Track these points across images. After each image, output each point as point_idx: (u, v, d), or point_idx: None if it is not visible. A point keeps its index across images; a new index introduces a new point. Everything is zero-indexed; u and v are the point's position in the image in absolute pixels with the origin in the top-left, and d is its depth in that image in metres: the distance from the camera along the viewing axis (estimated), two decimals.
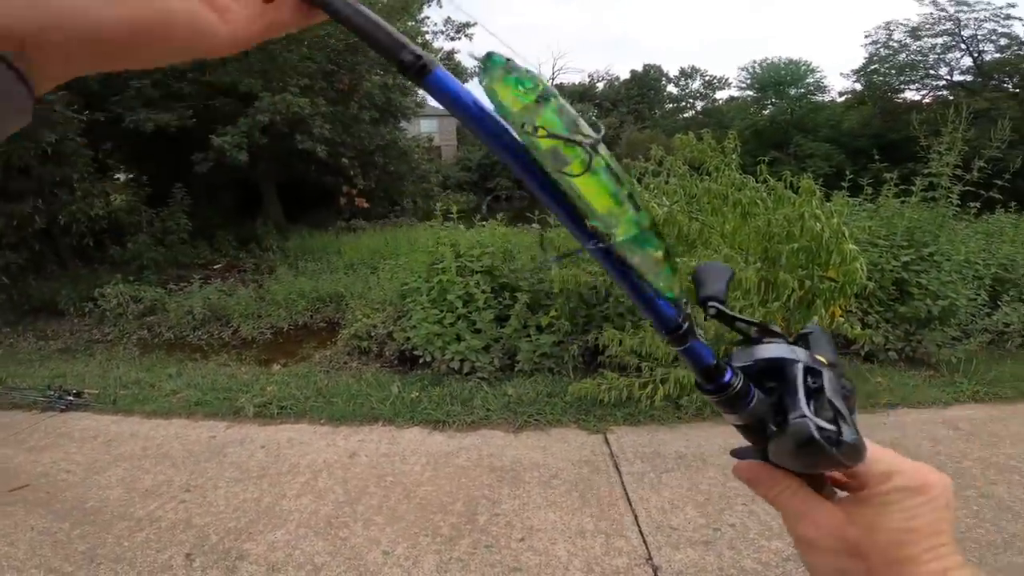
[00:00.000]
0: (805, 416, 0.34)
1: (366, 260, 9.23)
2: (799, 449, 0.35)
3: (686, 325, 0.38)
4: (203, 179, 12.16)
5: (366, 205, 17.04)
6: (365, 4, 0.33)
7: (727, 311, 0.41)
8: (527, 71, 0.32)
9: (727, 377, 0.38)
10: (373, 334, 4.82)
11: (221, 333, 6.52)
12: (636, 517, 2.51)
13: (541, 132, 0.32)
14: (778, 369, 0.39)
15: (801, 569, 2.15)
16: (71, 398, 4.17)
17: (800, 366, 0.38)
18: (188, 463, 3.23)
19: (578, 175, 0.33)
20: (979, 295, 4.40)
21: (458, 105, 0.34)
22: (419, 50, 0.33)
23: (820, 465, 0.36)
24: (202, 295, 7.11)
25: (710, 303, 0.41)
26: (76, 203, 8.47)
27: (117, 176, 13.98)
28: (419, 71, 0.33)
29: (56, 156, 8.11)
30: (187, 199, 11.29)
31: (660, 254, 0.37)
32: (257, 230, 12.88)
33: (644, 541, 2.35)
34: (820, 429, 0.34)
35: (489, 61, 0.32)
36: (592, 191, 0.34)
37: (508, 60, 0.32)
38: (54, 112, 7.91)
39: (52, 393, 4.20)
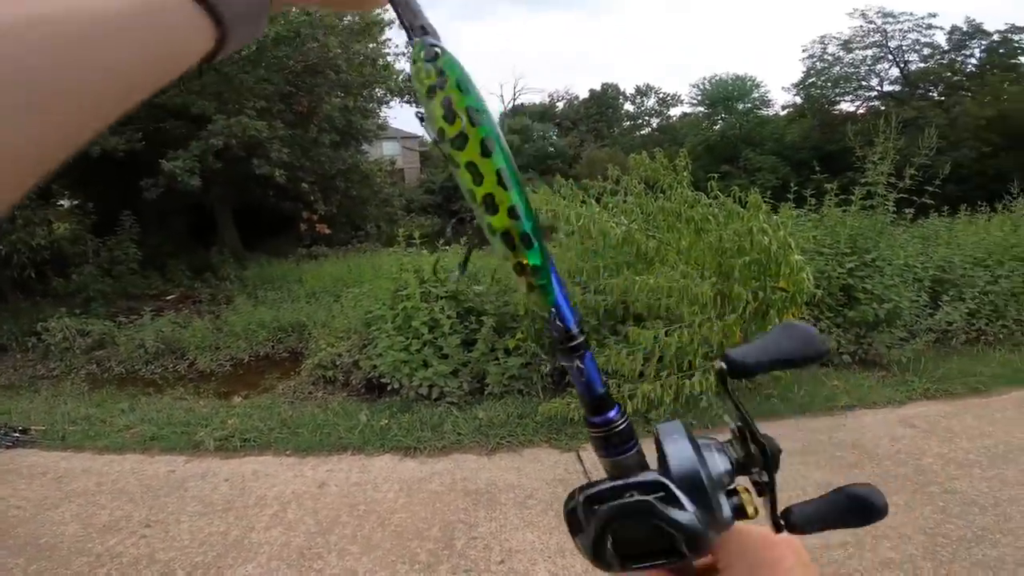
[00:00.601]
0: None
1: (329, 288, 9.07)
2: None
3: (582, 339, 0.36)
4: (153, 205, 11.72)
5: (328, 231, 16.80)
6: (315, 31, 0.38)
7: (731, 388, 0.38)
8: (430, 65, 0.34)
9: (612, 413, 0.37)
10: (338, 363, 4.73)
11: (176, 366, 6.28)
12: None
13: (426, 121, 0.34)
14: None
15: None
16: (16, 435, 3.99)
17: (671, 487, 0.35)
18: (147, 498, 3.10)
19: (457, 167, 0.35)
20: (920, 296, 4.69)
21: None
22: (429, 25, 0.35)
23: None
24: (154, 327, 6.83)
25: (727, 362, 0.38)
26: (16, 232, 8.05)
27: (60, 203, 13.34)
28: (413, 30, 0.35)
29: None
30: (136, 227, 10.87)
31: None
32: (212, 259, 12.48)
33: None
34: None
35: (417, 46, 0.34)
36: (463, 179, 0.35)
37: (427, 49, 0.34)
38: None
39: None
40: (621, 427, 0.37)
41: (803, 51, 27.07)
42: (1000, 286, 5.08)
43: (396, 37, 15.51)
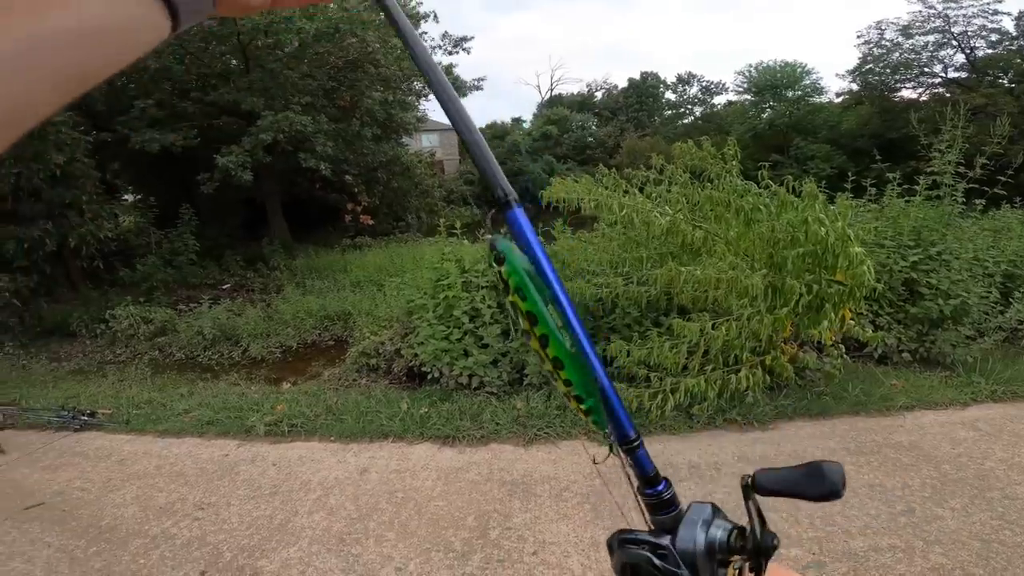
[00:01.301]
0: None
1: (372, 277, 9.30)
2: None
3: (638, 441, 0.50)
4: (209, 199, 12.31)
5: (371, 222, 17.18)
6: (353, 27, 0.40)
7: (751, 500, 0.50)
8: (498, 268, 0.44)
9: (661, 487, 0.50)
10: (381, 351, 4.83)
11: (231, 352, 6.57)
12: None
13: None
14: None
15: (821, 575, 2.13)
16: (85, 418, 4.23)
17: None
18: (201, 481, 3.24)
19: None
20: (991, 292, 4.35)
21: (522, 239, 0.45)
22: (509, 189, 0.45)
23: None
24: (211, 315, 7.17)
25: (754, 481, 0.50)
26: (85, 225, 8.60)
27: (125, 197, 14.19)
28: (504, 205, 0.46)
29: (65, 178, 8.25)
30: (194, 220, 11.43)
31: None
32: (264, 249, 13.01)
33: None
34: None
35: (489, 250, 0.45)
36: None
37: (495, 253, 0.44)
38: (61, 133, 8.05)
39: (66, 413, 4.27)
40: (667, 497, 0.50)
41: (858, 37, 25.63)
42: None
43: (432, 30, 15.55)
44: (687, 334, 3.25)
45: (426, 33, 14.90)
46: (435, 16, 15.56)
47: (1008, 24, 21.91)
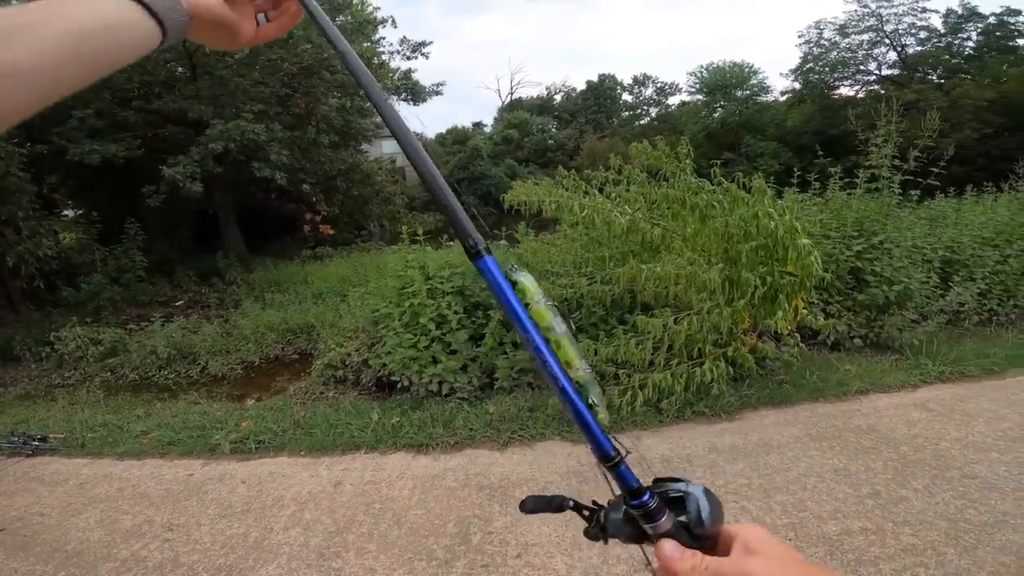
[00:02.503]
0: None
1: (335, 288, 9.12)
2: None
3: (618, 457, 0.51)
4: (157, 212, 11.78)
5: (331, 232, 16.82)
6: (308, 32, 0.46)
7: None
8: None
9: (646, 497, 0.50)
10: (348, 362, 4.76)
11: (189, 371, 6.34)
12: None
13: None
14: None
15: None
16: (36, 443, 4.04)
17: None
18: (167, 502, 3.13)
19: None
20: (930, 278, 4.65)
21: (494, 287, 0.49)
22: (478, 238, 0.48)
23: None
24: (165, 334, 6.89)
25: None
26: (23, 243, 8.11)
27: (65, 213, 13.44)
28: (474, 255, 0.49)
29: None
30: (141, 234, 10.95)
31: (593, 401, 0.52)
32: (218, 263, 12.53)
33: (641, 547, 2.39)
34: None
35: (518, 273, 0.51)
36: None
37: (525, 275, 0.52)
38: None
39: (16, 439, 4.05)
40: (653, 507, 0.50)
41: (799, 36, 26.86)
42: (1010, 265, 5.03)
43: (390, 35, 15.46)
44: (651, 330, 3.35)
45: (384, 38, 14.77)
46: (393, 21, 15.42)
47: (936, 21, 23.42)
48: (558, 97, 45.38)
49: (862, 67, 25.43)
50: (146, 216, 11.85)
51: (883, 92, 20.60)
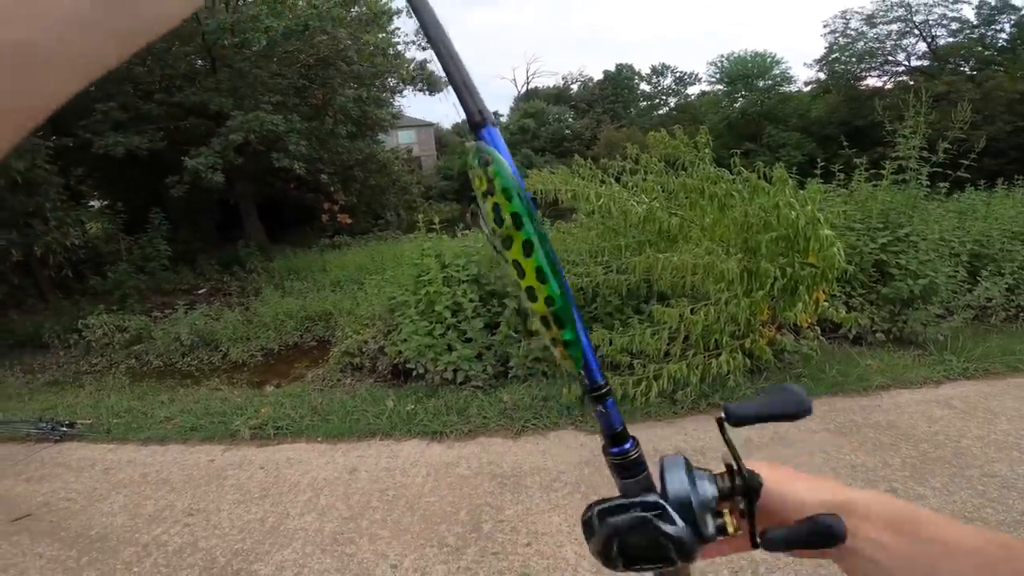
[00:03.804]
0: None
1: (352, 276, 9.21)
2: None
3: (607, 388, 0.45)
4: (180, 203, 12.04)
5: (349, 221, 16.98)
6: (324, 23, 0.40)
7: (727, 434, 0.49)
8: (482, 171, 0.39)
9: (628, 444, 0.46)
10: (364, 350, 4.81)
11: (211, 358, 6.47)
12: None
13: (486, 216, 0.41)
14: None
15: (809, 559, 2.20)
16: (64, 429, 4.15)
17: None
18: (188, 487, 3.21)
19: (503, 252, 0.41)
20: (958, 272, 4.51)
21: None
22: (484, 108, 0.41)
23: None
24: (188, 321, 7.04)
25: (726, 413, 0.48)
26: (51, 233, 8.33)
27: (91, 203, 13.77)
28: (478, 124, 0.41)
29: (26, 185, 7.97)
30: (165, 224, 11.16)
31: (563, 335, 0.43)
32: (239, 252, 12.75)
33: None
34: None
35: (472, 151, 0.40)
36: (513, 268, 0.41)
37: (481, 156, 0.39)
38: None
39: (44, 425, 4.17)
40: (634, 456, 0.47)
41: (824, 26, 26.11)
42: None
43: (404, 26, 15.40)
44: (667, 320, 3.31)
45: (399, 28, 14.73)
46: (408, 11, 15.34)
47: (968, 13, 22.62)
48: (575, 87, 45.01)
49: (890, 58, 24.73)
50: (169, 206, 12.08)
51: (912, 83, 20.03)
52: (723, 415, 0.48)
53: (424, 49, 16.87)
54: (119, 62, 0.27)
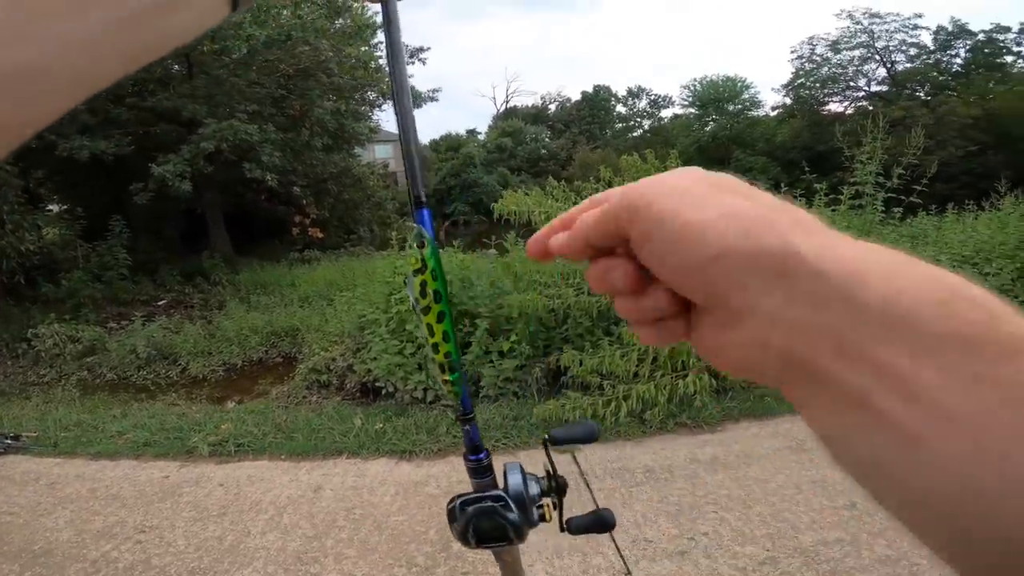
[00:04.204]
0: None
1: (322, 292, 9.04)
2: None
3: (472, 414, 0.60)
4: (143, 210, 11.64)
5: (320, 235, 16.71)
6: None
7: (550, 452, 0.67)
8: (419, 252, 0.50)
9: (483, 455, 0.61)
10: (332, 367, 4.73)
11: (168, 372, 6.25)
12: (611, 533, 2.55)
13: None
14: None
15: (777, 571, 2.24)
16: (8, 441, 3.98)
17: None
18: (140, 504, 3.08)
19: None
20: None
21: (429, 234, 0.51)
22: (422, 193, 0.53)
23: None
24: (145, 333, 6.80)
25: (550, 437, 0.66)
26: (6, 237, 7.98)
27: (50, 208, 13.23)
28: (420, 203, 0.53)
29: None
30: (126, 232, 10.80)
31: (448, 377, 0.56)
32: (204, 263, 12.36)
33: (621, 556, 2.38)
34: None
35: (414, 233, 0.50)
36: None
37: (419, 238, 0.50)
38: None
39: None
40: (486, 463, 0.62)
41: (792, 52, 27.34)
42: (988, 283, 5.09)
43: (386, 39, 15.42)
44: (636, 342, 3.36)
45: (382, 43, 14.75)
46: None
47: (926, 38, 23.94)
48: (552, 107, 45.76)
49: (852, 83, 25.94)
50: (132, 214, 11.69)
51: (871, 108, 21.02)
52: (547, 437, 0.66)
53: (406, 64, 16.94)
54: (124, 76, 0.26)
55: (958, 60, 23.64)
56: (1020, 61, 22.65)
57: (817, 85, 26.44)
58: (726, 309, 0.25)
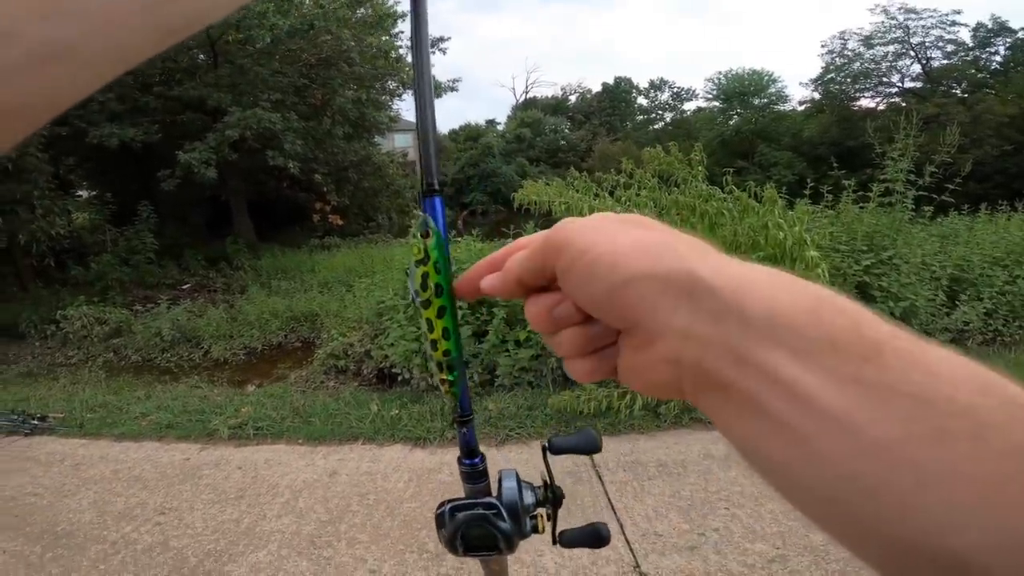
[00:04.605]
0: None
1: (341, 278, 9.14)
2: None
3: (471, 416, 0.56)
4: (170, 196, 11.89)
5: (340, 222, 16.88)
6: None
7: (548, 460, 0.63)
8: (422, 242, 0.45)
9: (477, 460, 0.58)
10: (350, 353, 4.78)
11: (191, 355, 6.38)
12: (622, 526, 2.55)
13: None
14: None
15: (786, 570, 2.22)
16: (35, 422, 4.07)
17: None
18: (162, 485, 3.15)
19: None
20: (937, 295, 4.59)
21: (437, 223, 0.47)
22: (435, 180, 0.48)
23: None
24: (170, 316, 6.94)
25: (549, 444, 0.63)
26: (36, 221, 8.20)
27: (80, 193, 13.59)
28: (433, 191, 0.48)
29: (16, 172, 7.85)
30: (153, 217, 11.03)
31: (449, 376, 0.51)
32: (227, 249, 12.61)
33: (631, 549, 2.38)
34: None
35: (418, 222, 0.46)
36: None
37: (423, 228, 0.45)
38: None
39: (16, 417, 4.09)
40: (480, 468, 0.58)
41: (822, 46, 26.59)
42: (1018, 286, 4.95)
43: (407, 29, 15.40)
44: None
45: (403, 32, 14.76)
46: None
47: (965, 35, 23.11)
48: (572, 98, 45.38)
49: (884, 79, 25.19)
50: (159, 200, 11.94)
51: (904, 105, 20.39)
52: (546, 444, 0.63)
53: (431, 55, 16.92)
54: (152, 56, 0.25)
55: (997, 58, 22.82)
56: None
57: (848, 80, 25.73)
58: (641, 331, 0.27)
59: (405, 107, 19.69)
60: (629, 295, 0.27)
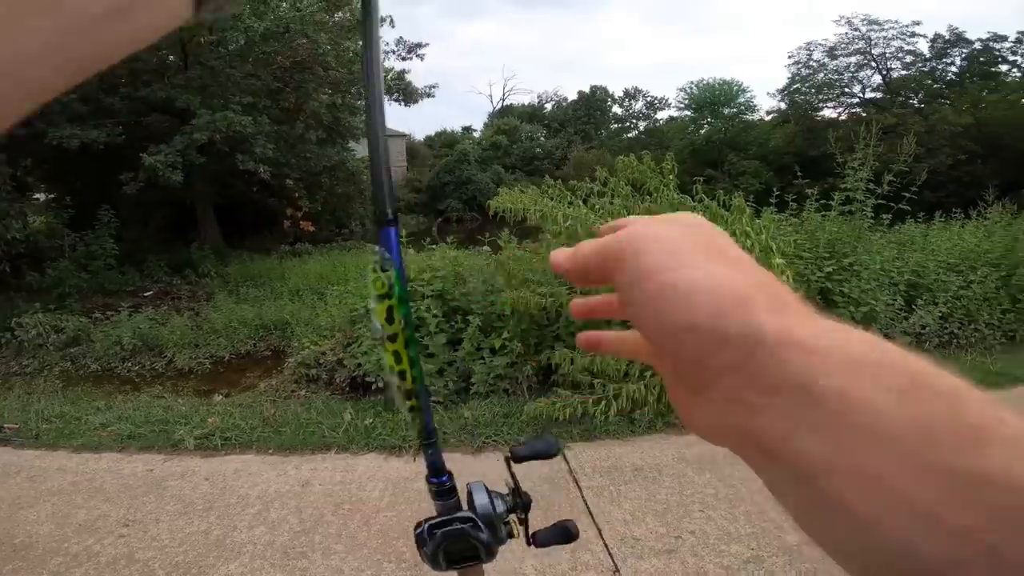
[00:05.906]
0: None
1: (312, 285, 8.98)
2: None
3: (434, 439, 0.58)
4: (132, 200, 11.47)
5: (312, 228, 16.58)
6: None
7: (512, 469, 0.67)
8: (383, 276, 0.45)
9: (445, 478, 0.59)
10: (322, 361, 4.70)
11: (154, 364, 6.17)
12: (600, 530, 2.57)
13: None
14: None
15: (762, 570, 2.26)
16: None
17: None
18: (124, 497, 3.04)
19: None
20: (896, 300, 4.79)
21: (393, 256, 0.48)
22: (390, 211, 0.49)
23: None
24: (131, 324, 6.70)
25: (512, 453, 0.68)
26: None
27: (36, 196, 13.02)
28: (387, 221, 0.49)
29: None
30: (114, 221, 10.64)
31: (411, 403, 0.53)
32: (192, 254, 12.21)
33: (610, 554, 2.40)
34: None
35: (377, 258, 0.46)
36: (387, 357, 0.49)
37: (384, 262, 0.46)
38: None
39: None
40: (448, 486, 0.59)
41: (789, 57, 27.54)
42: (972, 291, 5.21)
43: (386, 35, 15.33)
44: None
45: (380, 38, 14.66)
46: (391, 21, 15.34)
47: (923, 46, 24.15)
48: (549, 106, 45.79)
49: (847, 89, 26.18)
50: (121, 203, 11.52)
51: (864, 115, 21.20)
52: (509, 454, 0.67)
53: (404, 59, 16.86)
54: (102, 68, 0.24)
55: (953, 68, 23.94)
56: (1015, 70, 22.97)
57: (812, 91, 26.67)
58: (693, 376, 0.26)
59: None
60: (683, 341, 0.25)
